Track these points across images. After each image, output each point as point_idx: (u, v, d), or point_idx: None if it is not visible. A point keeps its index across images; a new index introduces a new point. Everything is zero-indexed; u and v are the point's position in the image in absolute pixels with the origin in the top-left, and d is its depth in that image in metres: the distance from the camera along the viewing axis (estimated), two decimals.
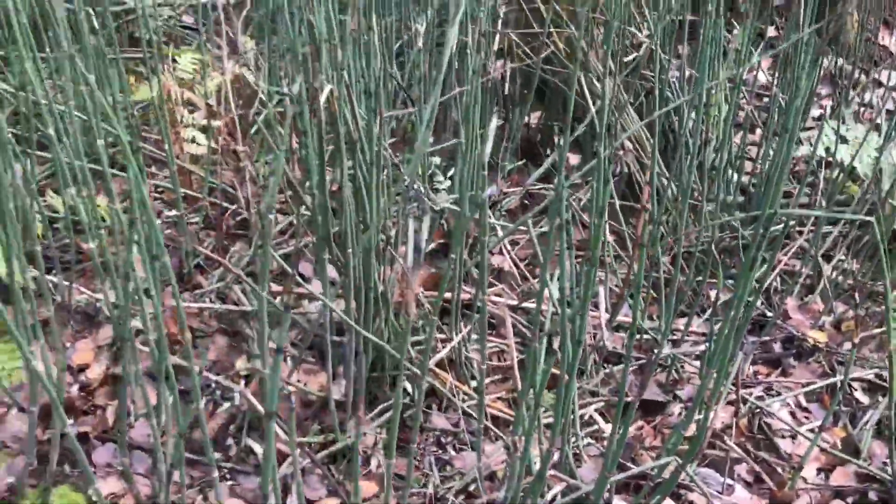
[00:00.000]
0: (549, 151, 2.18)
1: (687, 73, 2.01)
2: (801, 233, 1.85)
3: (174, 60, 1.64)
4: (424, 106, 1.56)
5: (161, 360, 1.08)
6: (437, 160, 1.85)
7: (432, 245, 1.69)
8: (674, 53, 2.07)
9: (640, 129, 1.98)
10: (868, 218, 1.11)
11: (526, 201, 1.97)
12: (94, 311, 1.44)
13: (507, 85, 2.02)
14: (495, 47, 1.96)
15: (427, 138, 1.34)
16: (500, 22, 1.99)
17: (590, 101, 1.84)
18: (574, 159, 2.18)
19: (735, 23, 2.68)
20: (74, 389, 1.33)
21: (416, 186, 1.31)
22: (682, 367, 1.51)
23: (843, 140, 1.77)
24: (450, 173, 1.92)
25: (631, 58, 1.85)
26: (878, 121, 2.20)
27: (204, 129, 1.65)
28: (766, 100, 2.48)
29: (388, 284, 1.34)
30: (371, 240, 1.20)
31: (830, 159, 1.83)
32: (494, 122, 1.54)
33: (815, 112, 2.49)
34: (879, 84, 2.50)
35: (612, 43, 1.96)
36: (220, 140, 1.53)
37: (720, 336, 1.11)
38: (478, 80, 1.26)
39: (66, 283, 1.44)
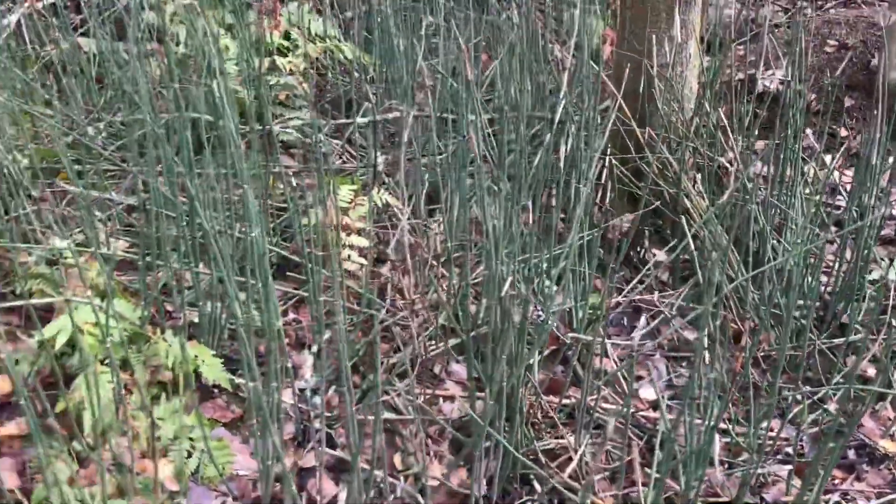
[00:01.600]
0: (639, 249, 2.44)
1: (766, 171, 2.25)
2: (874, 340, 2.06)
3: (335, 192, 1.95)
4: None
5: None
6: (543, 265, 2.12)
7: (546, 351, 1.96)
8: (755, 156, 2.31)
9: (726, 239, 2.23)
10: None
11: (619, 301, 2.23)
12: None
13: (607, 200, 2.29)
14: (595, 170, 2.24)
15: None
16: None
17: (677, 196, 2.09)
18: (660, 254, 2.44)
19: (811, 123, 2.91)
20: None
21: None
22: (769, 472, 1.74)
23: None
24: (555, 271, 2.20)
25: (722, 200, 2.10)
26: None
27: (355, 248, 1.96)
28: (839, 198, 2.70)
29: (521, 401, 1.62)
30: (520, 377, 1.49)
31: None
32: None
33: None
34: None
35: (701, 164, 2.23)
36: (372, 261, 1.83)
37: (813, 468, 1.35)
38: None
39: (252, 383, 1.75)
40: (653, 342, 2.04)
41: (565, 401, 1.81)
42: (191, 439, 1.54)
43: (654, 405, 1.88)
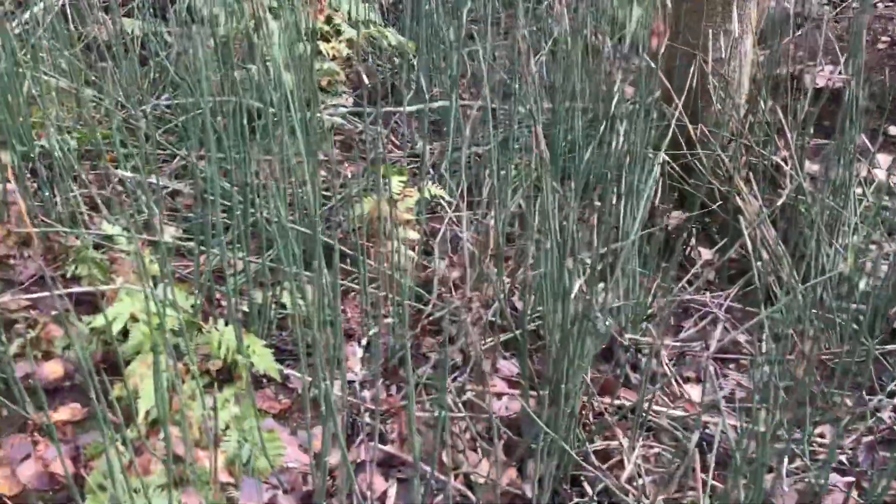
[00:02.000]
0: (686, 248, 2.40)
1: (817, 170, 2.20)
2: None
3: (386, 181, 1.93)
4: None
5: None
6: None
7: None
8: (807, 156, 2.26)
9: (777, 241, 2.19)
10: None
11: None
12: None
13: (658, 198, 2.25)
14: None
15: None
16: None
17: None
18: (706, 253, 2.40)
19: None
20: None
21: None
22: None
23: None
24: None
25: (779, 203, 2.05)
26: None
27: (404, 240, 1.94)
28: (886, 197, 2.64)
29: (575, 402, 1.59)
30: (578, 380, 1.46)
31: None
32: None
33: None
34: None
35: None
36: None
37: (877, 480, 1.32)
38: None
39: (298, 374, 1.73)
40: (702, 344, 2.01)
41: (615, 401, 1.78)
42: (241, 430, 1.53)
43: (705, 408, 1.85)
